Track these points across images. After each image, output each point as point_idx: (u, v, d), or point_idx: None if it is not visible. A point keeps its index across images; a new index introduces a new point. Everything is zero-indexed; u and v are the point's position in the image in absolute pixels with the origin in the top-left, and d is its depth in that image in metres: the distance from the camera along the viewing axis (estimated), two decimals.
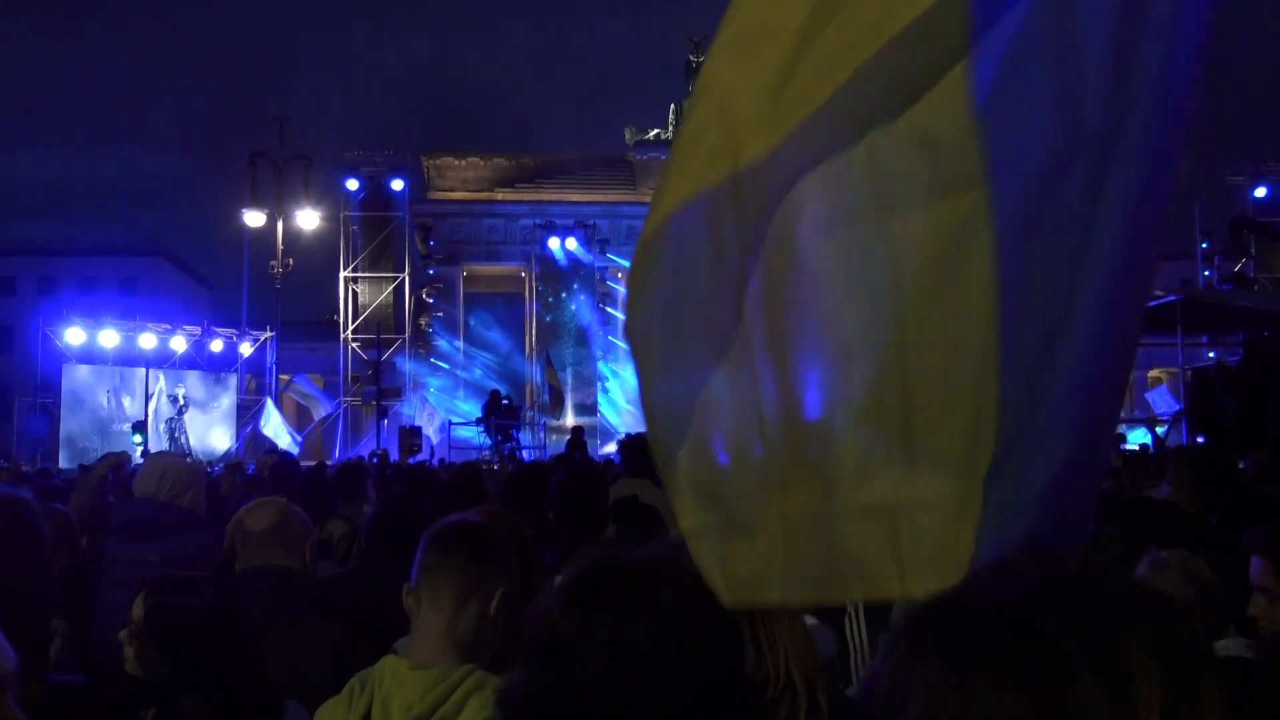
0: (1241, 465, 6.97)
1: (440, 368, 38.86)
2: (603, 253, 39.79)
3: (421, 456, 24.17)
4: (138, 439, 27.48)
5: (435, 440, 29.46)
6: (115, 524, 4.84)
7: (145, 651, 2.72)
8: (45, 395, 31.92)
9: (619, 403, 39.45)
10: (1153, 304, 21.77)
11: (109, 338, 31.62)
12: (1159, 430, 22.27)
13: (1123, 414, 33.12)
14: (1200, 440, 14.64)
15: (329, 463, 17.62)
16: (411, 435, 26.86)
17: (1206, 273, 37.92)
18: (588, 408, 37.21)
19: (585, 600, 1.50)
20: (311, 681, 2.94)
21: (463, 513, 3.05)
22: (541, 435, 33.34)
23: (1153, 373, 51.15)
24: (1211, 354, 25.70)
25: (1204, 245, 38.14)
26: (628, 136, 51.81)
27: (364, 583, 3.98)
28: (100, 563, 4.73)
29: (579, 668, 1.43)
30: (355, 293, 37.44)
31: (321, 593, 3.73)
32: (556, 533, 4.75)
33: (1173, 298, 21.30)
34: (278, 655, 2.97)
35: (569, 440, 19.90)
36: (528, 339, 41.64)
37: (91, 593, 4.37)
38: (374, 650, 3.36)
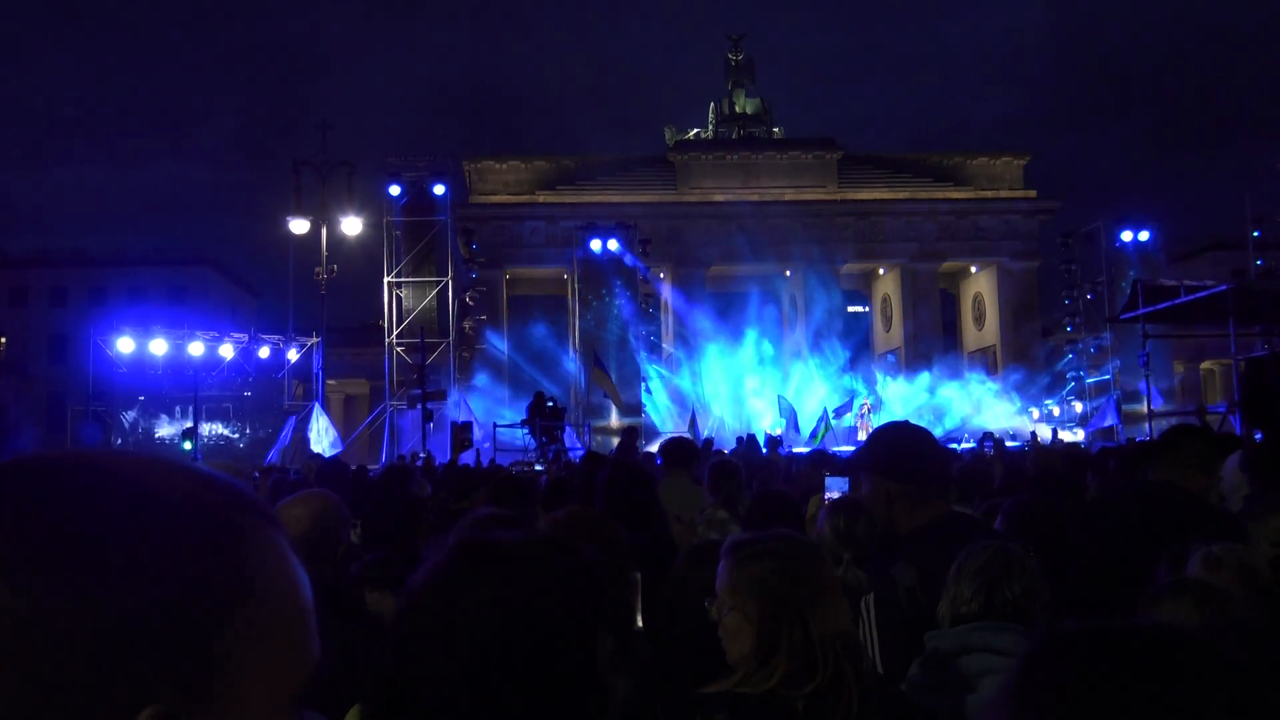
0: None
1: (484, 370, 39.00)
2: (644, 253, 39.75)
3: (466, 458, 24.12)
4: (188, 445, 27.83)
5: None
6: None
7: None
8: (97, 404, 32.39)
9: (661, 401, 39.41)
10: (1204, 294, 21.41)
11: (158, 346, 32.03)
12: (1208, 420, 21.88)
13: (1174, 406, 32.64)
14: (1257, 434, 14.30)
15: (370, 468, 17.74)
16: (463, 431, 26.62)
17: (1259, 261, 37.17)
18: (631, 407, 37.16)
19: (441, 581, 1.46)
20: (327, 682, 2.91)
21: (553, 511, 3.01)
22: (587, 436, 33.34)
23: (1205, 365, 50.35)
24: (1265, 344, 25.19)
25: (1255, 234, 37.44)
26: (668, 136, 51.80)
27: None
28: None
29: (427, 649, 1.40)
30: (399, 297, 37.67)
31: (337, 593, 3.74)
32: None
33: (1224, 287, 20.94)
34: None
35: (619, 442, 19.87)
36: (571, 340, 41.69)
37: None
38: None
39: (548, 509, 5.28)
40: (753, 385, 39.71)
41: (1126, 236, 39.04)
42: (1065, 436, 34.38)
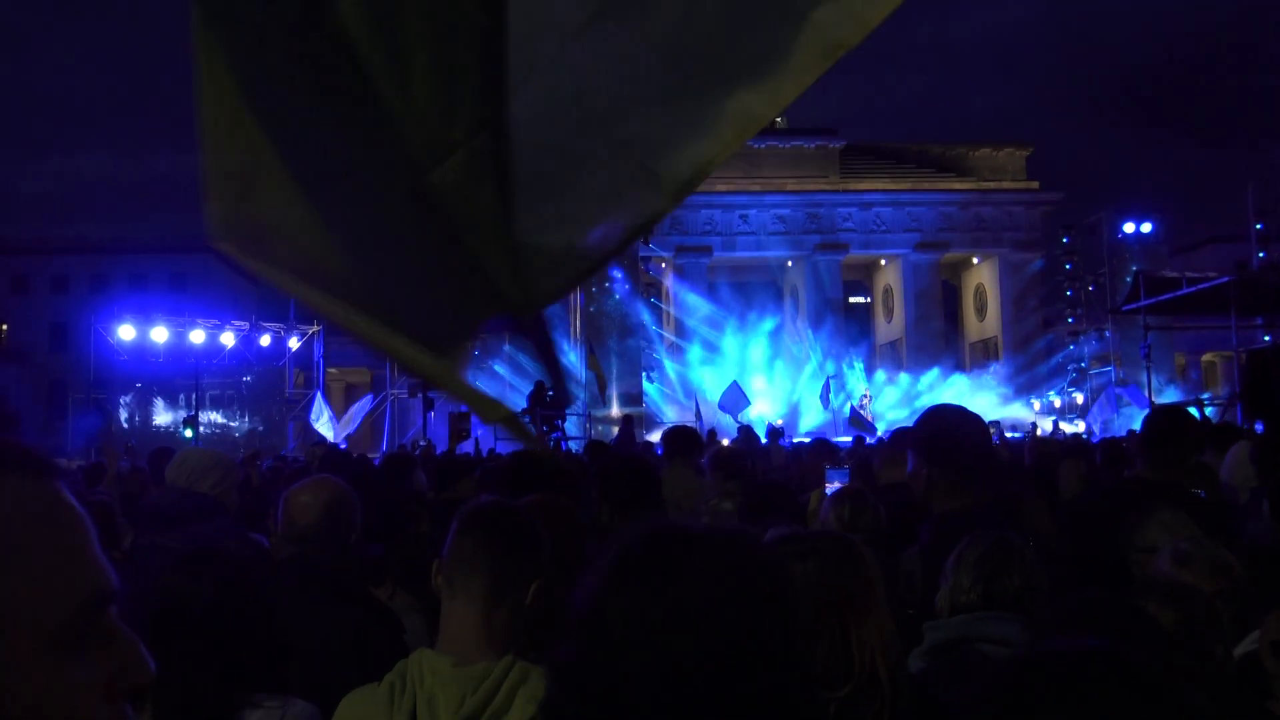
0: None
1: (485, 358, 38.98)
2: (645, 242, 39.68)
3: (467, 445, 24.07)
4: (189, 433, 27.83)
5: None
6: (141, 513, 4.87)
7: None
8: (98, 391, 32.40)
9: (662, 390, 39.44)
10: (1206, 286, 21.40)
11: (160, 334, 32.03)
12: (1207, 411, 21.88)
13: (1179, 397, 32.62)
14: (1258, 425, 14.28)
15: (372, 456, 17.71)
16: (461, 420, 26.59)
17: (1261, 254, 37.14)
18: (633, 397, 37.18)
19: (639, 568, 1.41)
20: (326, 665, 2.91)
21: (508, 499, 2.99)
22: (586, 425, 33.33)
23: (1206, 357, 50.32)
24: (1267, 336, 25.19)
25: (1258, 226, 37.40)
26: None
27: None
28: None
29: (631, 637, 1.35)
30: None
31: (339, 576, 3.73)
32: (599, 522, 4.69)
33: (1226, 279, 20.93)
34: (296, 638, 2.92)
35: (618, 431, 19.90)
36: (572, 329, 41.66)
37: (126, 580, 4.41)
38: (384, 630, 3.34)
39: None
40: (753, 374, 39.75)
41: (1129, 228, 39.03)
42: (1065, 428, 34.41)
